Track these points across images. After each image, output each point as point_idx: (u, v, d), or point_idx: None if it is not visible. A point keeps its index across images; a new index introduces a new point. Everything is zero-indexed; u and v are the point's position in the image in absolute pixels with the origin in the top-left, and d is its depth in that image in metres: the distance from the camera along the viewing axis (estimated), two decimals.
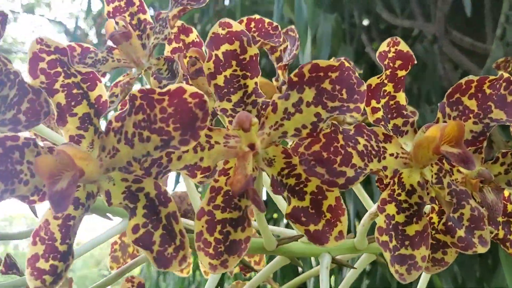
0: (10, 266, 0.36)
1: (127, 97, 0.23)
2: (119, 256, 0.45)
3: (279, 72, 0.42)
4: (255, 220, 0.34)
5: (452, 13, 1.94)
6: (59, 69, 0.25)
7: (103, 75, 0.37)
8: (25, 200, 0.25)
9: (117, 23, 0.37)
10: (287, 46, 0.42)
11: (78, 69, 0.25)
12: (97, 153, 0.25)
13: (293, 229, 0.39)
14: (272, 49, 0.43)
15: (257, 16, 0.37)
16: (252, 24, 0.37)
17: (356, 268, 0.41)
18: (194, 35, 0.39)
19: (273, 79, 0.44)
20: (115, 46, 0.38)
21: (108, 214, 0.39)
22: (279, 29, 0.37)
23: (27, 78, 0.25)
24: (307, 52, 0.93)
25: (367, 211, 0.37)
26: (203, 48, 0.40)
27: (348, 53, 1.16)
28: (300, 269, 0.95)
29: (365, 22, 2.21)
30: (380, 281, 1.20)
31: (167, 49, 0.39)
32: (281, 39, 0.37)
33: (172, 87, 0.23)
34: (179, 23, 0.39)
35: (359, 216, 1.12)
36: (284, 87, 0.42)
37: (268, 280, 0.50)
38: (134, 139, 0.24)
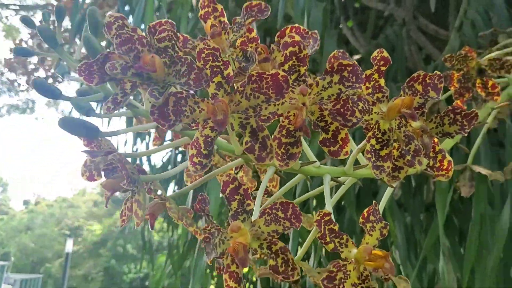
0: (140, 171, 0.58)
1: (247, 75, 0.46)
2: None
3: None
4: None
5: (421, 1, 2.17)
6: (210, 58, 0.47)
7: None
8: (189, 126, 0.48)
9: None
10: (310, 43, 0.65)
11: (223, 59, 0.47)
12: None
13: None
14: None
15: (296, 25, 0.60)
16: (294, 29, 0.60)
17: (344, 184, 0.65)
18: (254, 33, 0.61)
19: None
20: (205, 38, 0.60)
21: None
22: (309, 33, 0.60)
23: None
24: None
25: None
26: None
27: (333, 35, 1.39)
28: None
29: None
30: (347, 225, 1.46)
31: (237, 42, 0.61)
32: (310, 40, 0.60)
33: (273, 71, 0.45)
34: None
35: None
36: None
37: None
38: (250, 96, 0.47)
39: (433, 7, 1.44)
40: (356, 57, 2.11)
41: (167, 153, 2.63)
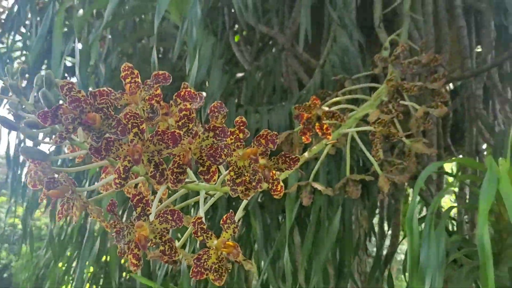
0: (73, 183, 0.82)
1: (156, 131, 0.73)
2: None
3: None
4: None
5: (299, 31, 2.50)
6: (132, 117, 0.73)
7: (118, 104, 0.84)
8: (114, 160, 0.73)
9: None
10: (197, 100, 0.93)
11: (140, 119, 0.73)
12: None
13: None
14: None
15: (189, 88, 0.88)
16: (187, 92, 0.88)
17: (214, 196, 0.94)
18: (159, 91, 0.88)
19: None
20: (125, 92, 0.85)
21: None
22: (198, 94, 0.88)
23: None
24: (194, 66, 1.42)
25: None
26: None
27: (220, 65, 1.69)
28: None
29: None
30: (218, 220, 1.76)
31: (147, 96, 0.87)
32: (198, 99, 0.88)
33: (172, 131, 0.73)
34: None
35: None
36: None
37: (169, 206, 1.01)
38: (156, 143, 0.73)
39: (301, 49, 1.78)
40: (239, 75, 2.41)
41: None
